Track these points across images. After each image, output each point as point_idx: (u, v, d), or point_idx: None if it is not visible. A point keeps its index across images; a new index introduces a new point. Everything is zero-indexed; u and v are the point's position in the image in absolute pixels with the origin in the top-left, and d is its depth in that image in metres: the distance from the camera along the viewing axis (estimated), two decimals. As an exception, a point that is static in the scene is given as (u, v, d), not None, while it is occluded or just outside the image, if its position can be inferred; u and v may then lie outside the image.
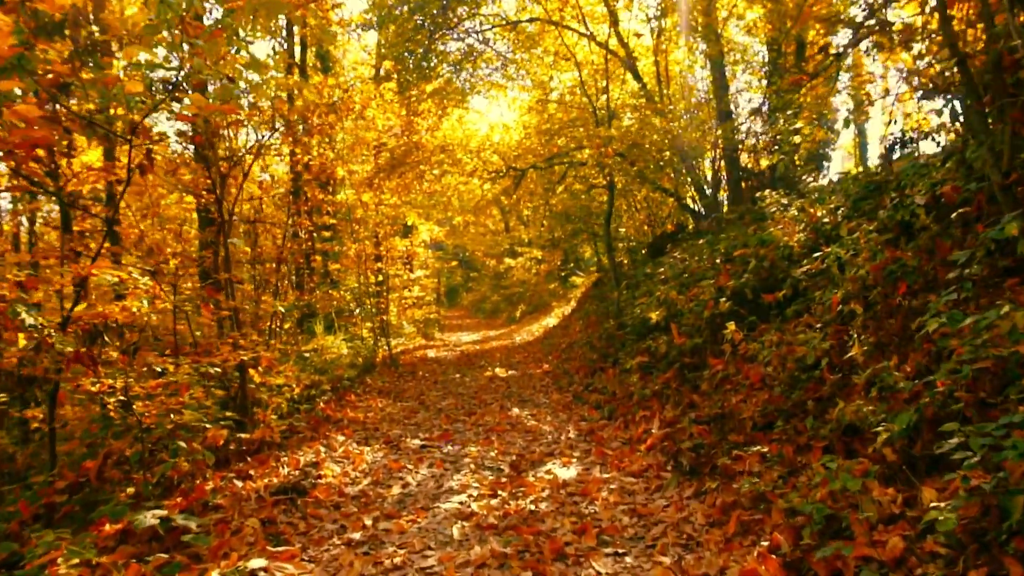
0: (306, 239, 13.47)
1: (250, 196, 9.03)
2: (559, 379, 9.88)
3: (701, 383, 5.61)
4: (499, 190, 17.36)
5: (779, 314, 5.40)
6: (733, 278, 5.95)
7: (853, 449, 3.71)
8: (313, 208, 14.13)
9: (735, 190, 13.55)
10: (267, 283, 12.12)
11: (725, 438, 4.54)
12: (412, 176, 15.29)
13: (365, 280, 14.48)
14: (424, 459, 5.61)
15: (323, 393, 8.05)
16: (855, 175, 6.70)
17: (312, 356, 9.34)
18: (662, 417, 5.55)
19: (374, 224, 16.06)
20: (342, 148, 15.35)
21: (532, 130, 16.72)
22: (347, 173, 14.64)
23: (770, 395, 4.52)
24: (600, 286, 17.62)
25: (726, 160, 13.54)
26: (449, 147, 15.37)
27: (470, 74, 16.32)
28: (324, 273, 14.46)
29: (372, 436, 6.61)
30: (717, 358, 5.64)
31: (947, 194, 4.24)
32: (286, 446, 5.91)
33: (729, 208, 12.79)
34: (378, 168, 15.29)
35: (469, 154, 15.51)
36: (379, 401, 8.64)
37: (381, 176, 14.97)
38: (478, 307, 32.93)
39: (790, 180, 12.39)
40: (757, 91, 14.48)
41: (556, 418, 7.18)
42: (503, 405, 8.21)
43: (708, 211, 13.85)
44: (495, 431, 6.65)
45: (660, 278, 8.35)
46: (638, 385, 6.47)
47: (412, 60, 14.77)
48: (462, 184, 16.71)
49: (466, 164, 15.50)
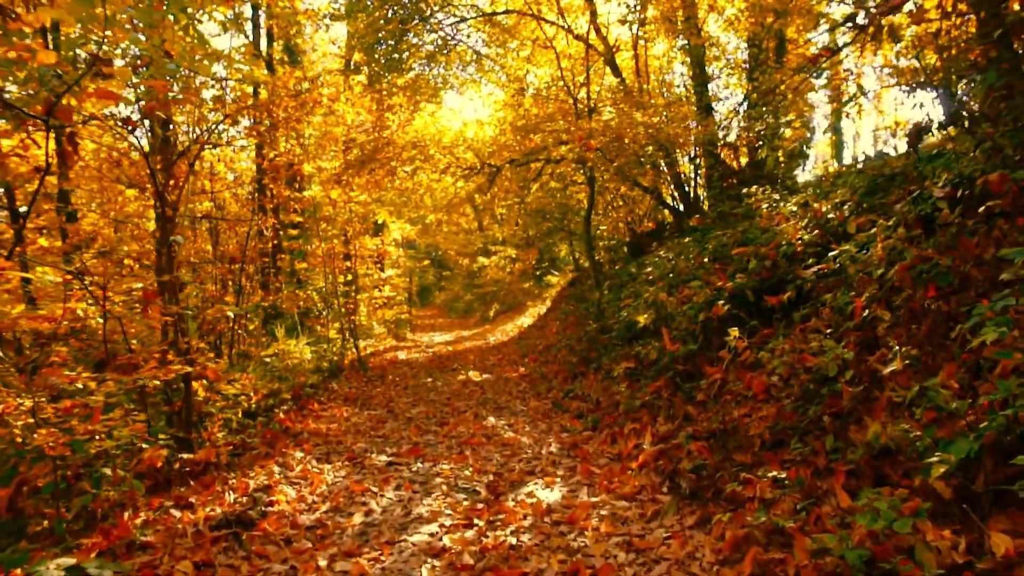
0: (271, 237, 12.85)
1: (202, 190, 8.36)
2: (536, 384, 9.36)
3: (697, 393, 5.12)
4: (473, 188, 16.77)
5: (783, 318, 4.93)
6: (731, 278, 5.47)
7: (883, 475, 3.24)
8: (280, 205, 13.48)
9: (716, 188, 13.24)
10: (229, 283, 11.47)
11: (729, 457, 4.05)
12: (383, 173, 14.67)
13: (334, 280, 13.82)
14: (391, 479, 5.03)
15: (283, 402, 7.43)
16: (859, 168, 6.27)
17: (273, 361, 8.70)
18: (654, 431, 5.04)
19: (343, 222, 15.40)
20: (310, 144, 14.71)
21: (507, 126, 16.17)
22: (315, 170, 14.01)
23: (779, 409, 4.03)
24: (577, 286, 17.15)
25: (706, 157, 13.21)
26: (421, 143, 14.75)
27: (443, 68, 15.73)
28: (291, 273, 13.81)
29: (334, 451, 6.01)
30: (714, 366, 5.16)
31: (979, 184, 3.78)
32: (237, 465, 5.30)
33: (712, 205, 12.44)
34: (347, 164, 14.66)
35: (442, 150, 14.91)
36: (344, 409, 8.03)
37: (350, 172, 14.34)
38: (451, 306, 32.33)
39: (773, 177, 12.06)
40: (738, 87, 14.14)
41: (535, 428, 6.65)
42: (478, 413, 7.66)
43: (688, 209, 13.49)
44: (470, 444, 6.09)
45: (646, 278, 7.86)
46: (625, 394, 5.96)
47: (382, 52, 14.14)
48: (434, 181, 16.09)
49: (439, 161, 14.90)
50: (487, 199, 18.23)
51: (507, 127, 16.00)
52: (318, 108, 13.92)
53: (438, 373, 11.46)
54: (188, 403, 5.21)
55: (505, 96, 17.13)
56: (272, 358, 8.75)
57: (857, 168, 6.20)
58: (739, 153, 13.46)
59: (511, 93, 16.53)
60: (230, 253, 8.52)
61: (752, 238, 6.01)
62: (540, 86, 15.28)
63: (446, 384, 10.15)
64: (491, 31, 15.00)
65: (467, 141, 15.82)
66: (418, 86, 15.31)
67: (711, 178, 13.38)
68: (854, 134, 30.70)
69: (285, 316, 11.00)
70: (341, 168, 14.66)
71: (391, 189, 16.19)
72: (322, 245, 14.05)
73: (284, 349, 8.73)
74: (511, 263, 27.50)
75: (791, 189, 8.70)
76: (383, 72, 13.77)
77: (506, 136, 15.78)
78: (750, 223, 7.36)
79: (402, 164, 14.78)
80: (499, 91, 17.48)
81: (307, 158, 13.76)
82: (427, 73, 14.44)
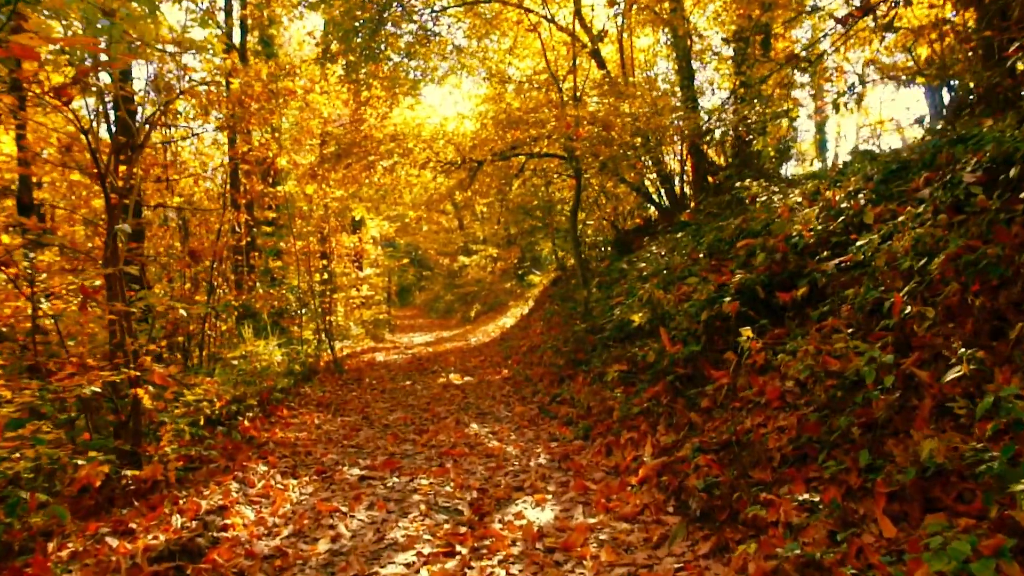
0: (244, 233, 12.32)
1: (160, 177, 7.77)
2: (521, 387, 8.88)
3: (701, 400, 4.66)
4: (453, 183, 16.27)
5: (796, 316, 4.49)
6: (736, 273, 5.02)
7: (932, 499, 2.80)
8: (253, 200, 12.94)
9: (701, 183, 12.93)
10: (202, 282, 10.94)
11: (745, 474, 3.58)
12: (360, 167, 14.13)
13: (309, 278, 13.24)
14: (363, 496, 4.51)
15: (249, 409, 6.87)
16: (873, 153, 5.86)
17: (241, 364, 8.13)
18: (655, 441, 4.58)
19: (319, 219, 14.82)
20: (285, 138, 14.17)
21: (489, 120, 15.67)
22: (291, 164, 13.46)
23: (800, 419, 3.58)
24: (560, 285, 16.70)
25: (692, 153, 12.89)
26: (400, 136, 14.21)
27: (422, 61, 15.19)
28: (265, 271, 13.22)
29: (302, 463, 5.48)
30: (719, 369, 4.70)
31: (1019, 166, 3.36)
32: (192, 482, 4.75)
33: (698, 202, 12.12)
34: (323, 158, 14.10)
35: (421, 144, 14.38)
36: (316, 416, 7.49)
37: (326, 167, 13.78)
38: (431, 307, 31.78)
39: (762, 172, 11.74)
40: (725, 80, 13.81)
41: (522, 437, 6.17)
42: (459, 420, 7.16)
43: (675, 206, 13.15)
44: (451, 455, 5.59)
45: (638, 275, 7.41)
46: (620, 399, 5.49)
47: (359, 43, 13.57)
48: (413, 176, 15.54)
49: (418, 155, 14.37)
50: (468, 195, 17.72)
51: (488, 121, 15.52)
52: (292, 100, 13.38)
53: (417, 376, 10.94)
54: (136, 412, 4.66)
55: (488, 90, 16.63)
56: (240, 360, 8.18)
57: (870, 154, 5.79)
58: (726, 146, 13.16)
59: (493, 86, 16.04)
60: (198, 250, 7.91)
61: (756, 230, 5.57)
62: (523, 79, 14.78)
63: (426, 388, 9.64)
64: (473, 21, 14.49)
65: (447, 135, 15.30)
66: (396, 78, 14.77)
67: (697, 174, 13.07)
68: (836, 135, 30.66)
69: (259, 316, 10.41)
70: (316, 162, 14.11)
71: (368, 185, 15.65)
72: (297, 243, 13.48)
73: (252, 351, 8.16)
74: (492, 262, 27.02)
75: (789, 182, 8.31)
76: (360, 62, 13.20)
77: (487, 131, 15.30)
78: (745, 217, 6.95)
79: (380, 158, 14.25)
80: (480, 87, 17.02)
81: (282, 152, 13.21)
82: (405, 62, 13.86)
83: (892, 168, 5.04)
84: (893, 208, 4.46)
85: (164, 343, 9.50)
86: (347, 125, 13.99)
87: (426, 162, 14.46)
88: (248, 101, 10.63)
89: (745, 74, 12.03)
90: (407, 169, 14.93)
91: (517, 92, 15.38)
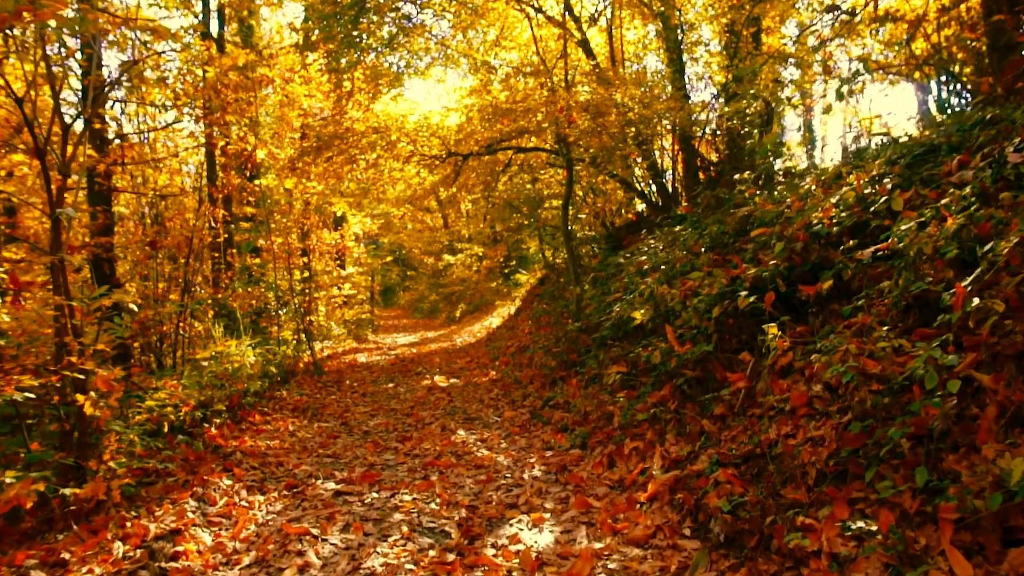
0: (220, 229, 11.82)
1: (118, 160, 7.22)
2: (510, 390, 8.40)
3: (714, 405, 4.20)
4: (438, 179, 15.76)
5: (821, 312, 4.04)
6: (752, 265, 4.57)
7: (1012, 527, 2.35)
8: (230, 195, 12.41)
9: (693, 180, 12.62)
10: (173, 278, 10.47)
11: (775, 493, 3.13)
12: (341, 160, 13.58)
13: (289, 276, 12.69)
14: (338, 516, 4.01)
15: (217, 414, 6.34)
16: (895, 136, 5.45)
17: (211, 365, 7.58)
18: (664, 452, 4.12)
19: (299, 214, 14.25)
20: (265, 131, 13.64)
21: (475, 113, 15.17)
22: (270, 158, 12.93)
23: (837, 429, 3.13)
24: (548, 283, 16.25)
25: (683, 148, 12.56)
26: (383, 128, 13.68)
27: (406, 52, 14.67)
28: (244, 268, 12.67)
29: (272, 476, 4.96)
30: (735, 371, 4.25)
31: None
32: (145, 500, 4.22)
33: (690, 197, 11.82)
34: (303, 151, 13.54)
35: (405, 137, 13.85)
36: (291, 421, 6.97)
37: (306, 160, 13.23)
38: (415, 307, 31.22)
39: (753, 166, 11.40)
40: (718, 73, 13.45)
41: (513, 445, 5.69)
42: (445, 426, 6.67)
43: (666, 201, 12.79)
44: (436, 466, 5.10)
45: (635, 269, 6.95)
46: (622, 404, 5.02)
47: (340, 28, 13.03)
48: (397, 171, 15.02)
49: (402, 149, 13.84)
50: (453, 191, 17.20)
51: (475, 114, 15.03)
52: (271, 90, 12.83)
53: (401, 378, 10.44)
54: (81, 422, 4.13)
55: (474, 82, 16.12)
56: (210, 361, 7.62)
57: (893, 138, 5.37)
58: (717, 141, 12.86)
59: (479, 77, 15.53)
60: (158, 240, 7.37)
61: (769, 219, 5.13)
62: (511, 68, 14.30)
63: (409, 390, 9.13)
64: (459, 10, 13.98)
65: (432, 128, 14.78)
66: (378, 69, 14.24)
67: (688, 170, 12.76)
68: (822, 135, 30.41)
69: (233, 315, 9.85)
70: (296, 155, 13.56)
71: (351, 179, 15.11)
72: (277, 240, 12.91)
73: (223, 351, 7.61)
74: (478, 261, 26.52)
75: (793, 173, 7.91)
76: (341, 50, 12.66)
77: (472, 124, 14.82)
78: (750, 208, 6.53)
79: (362, 152, 13.72)
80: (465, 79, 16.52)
81: (260, 145, 12.67)
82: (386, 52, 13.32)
83: (917, 152, 4.63)
84: (924, 193, 4.03)
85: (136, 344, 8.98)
86: (328, 118, 13.42)
87: (410, 156, 13.95)
88: (224, 91, 10.11)
89: (738, 67, 11.72)
90: (390, 163, 14.42)
91: (503, 84, 14.89)
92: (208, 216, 11.75)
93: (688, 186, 12.63)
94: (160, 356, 9.57)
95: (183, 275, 10.34)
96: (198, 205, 11.43)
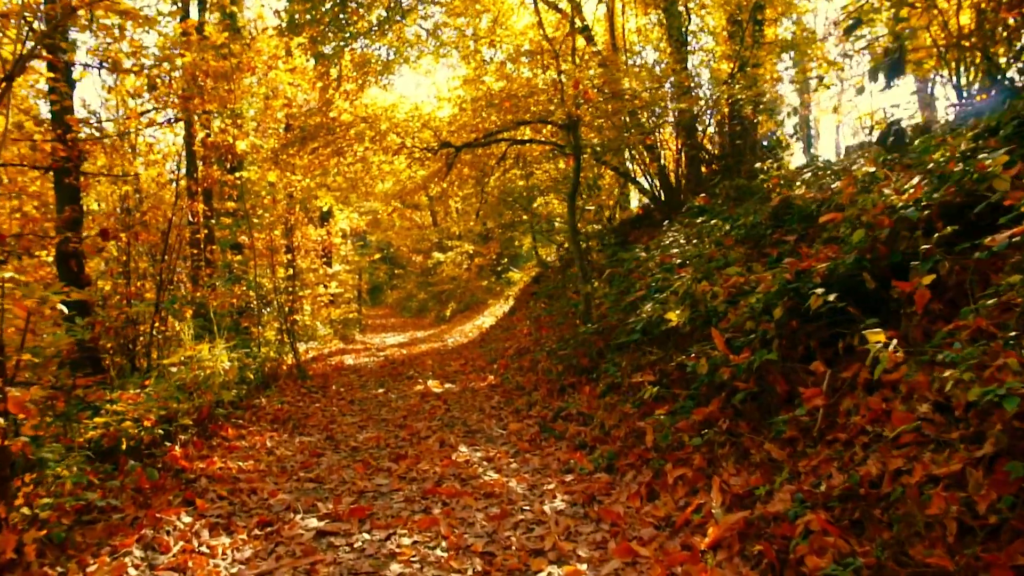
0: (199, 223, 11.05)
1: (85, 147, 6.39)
2: (512, 397, 7.63)
3: (781, 427, 3.44)
4: (429, 173, 14.96)
5: (917, 314, 3.29)
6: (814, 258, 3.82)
7: None
8: (210, 188, 11.61)
9: (695, 173, 12.02)
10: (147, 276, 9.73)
11: (903, 552, 2.37)
12: (328, 152, 12.76)
13: (272, 274, 11.85)
14: (321, 567, 3.22)
15: (183, 430, 5.52)
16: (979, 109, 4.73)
17: (182, 371, 6.75)
18: (724, 484, 3.36)
19: (283, 209, 13.40)
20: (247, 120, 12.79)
21: (469, 104, 14.37)
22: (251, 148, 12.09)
23: (968, 466, 2.38)
24: (545, 282, 15.48)
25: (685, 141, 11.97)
26: (371, 117, 12.86)
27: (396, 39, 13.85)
28: (226, 265, 11.83)
29: (242, 509, 4.15)
30: (809, 386, 3.49)
31: None
32: (80, 546, 3.40)
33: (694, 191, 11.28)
34: (287, 141, 12.70)
35: (395, 127, 13.03)
36: (269, 436, 6.17)
37: (290, 152, 12.39)
38: (403, 305, 30.38)
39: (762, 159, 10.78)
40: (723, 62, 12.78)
41: (525, 465, 4.91)
42: (444, 440, 5.88)
43: (669, 195, 12.16)
44: (439, 494, 4.32)
45: (657, 265, 6.19)
46: (657, 421, 4.25)
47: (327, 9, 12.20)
48: (386, 165, 14.20)
49: (391, 142, 13.02)
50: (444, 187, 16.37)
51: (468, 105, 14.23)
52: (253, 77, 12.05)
53: (391, 382, 9.63)
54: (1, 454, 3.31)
55: (467, 71, 15.30)
56: (180, 367, 6.78)
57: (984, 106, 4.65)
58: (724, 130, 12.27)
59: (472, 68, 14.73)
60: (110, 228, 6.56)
61: (832, 205, 4.39)
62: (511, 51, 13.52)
63: (401, 397, 8.34)
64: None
65: (423, 118, 13.96)
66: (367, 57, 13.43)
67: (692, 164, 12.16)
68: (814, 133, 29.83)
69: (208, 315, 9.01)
70: (280, 147, 12.73)
71: (337, 172, 14.28)
72: (261, 237, 12.07)
73: (193, 356, 6.78)
74: (469, 259, 25.73)
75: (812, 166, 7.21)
76: (328, 32, 11.83)
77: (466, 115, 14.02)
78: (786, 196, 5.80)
79: (349, 143, 12.90)
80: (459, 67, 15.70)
81: (242, 135, 11.84)
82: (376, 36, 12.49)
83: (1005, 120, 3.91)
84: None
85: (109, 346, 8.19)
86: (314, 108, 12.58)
87: (400, 148, 13.13)
88: (202, 77, 9.34)
89: (744, 56, 11.14)
90: (380, 156, 13.60)
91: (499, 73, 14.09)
92: (186, 210, 10.94)
93: (691, 180, 12.01)
94: (134, 359, 8.75)
95: (159, 272, 9.57)
96: (175, 199, 10.62)
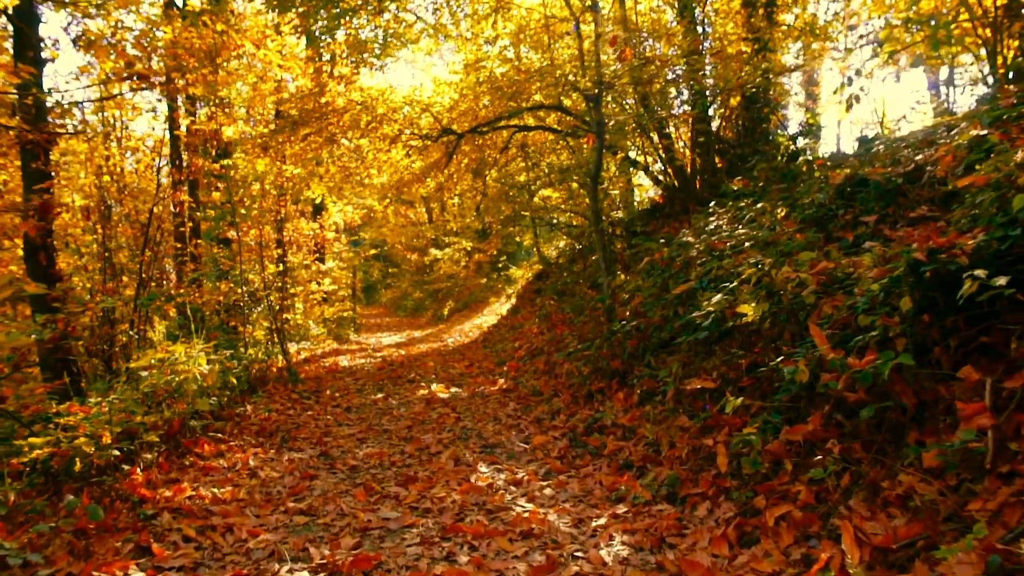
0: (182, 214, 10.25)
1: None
2: (530, 404, 6.78)
3: (917, 452, 2.58)
4: (428, 164, 14.10)
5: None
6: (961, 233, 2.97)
7: None
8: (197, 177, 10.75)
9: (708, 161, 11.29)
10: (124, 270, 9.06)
11: None
12: (321, 140, 11.86)
13: (261, 270, 10.94)
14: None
15: (148, 447, 4.62)
16: None
17: (152, 376, 5.84)
18: (860, 530, 2.49)
19: (274, 201, 12.48)
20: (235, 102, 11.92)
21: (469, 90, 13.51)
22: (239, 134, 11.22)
23: None
24: (549, 278, 14.62)
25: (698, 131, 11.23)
26: (367, 100, 11.97)
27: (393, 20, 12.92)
28: (211, 260, 10.96)
29: (212, 557, 3.25)
30: (959, 398, 2.63)
31: None
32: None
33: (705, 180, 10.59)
34: (277, 127, 11.81)
35: (392, 112, 12.16)
36: (252, 452, 5.27)
37: (280, 139, 11.50)
38: (399, 304, 29.49)
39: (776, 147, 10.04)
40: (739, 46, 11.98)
41: (561, 490, 4.04)
42: (459, 457, 5.01)
43: (683, 184, 11.45)
44: (462, 532, 3.43)
45: (706, 252, 5.33)
46: (744, 441, 3.36)
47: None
48: (383, 154, 13.32)
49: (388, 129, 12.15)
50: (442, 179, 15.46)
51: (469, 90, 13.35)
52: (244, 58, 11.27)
53: (391, 386, 8.75)
54: None
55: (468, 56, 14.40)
56: (151, 372, 5.88)
57: None
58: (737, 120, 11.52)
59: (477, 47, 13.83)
60: (52, 201, 5.70)
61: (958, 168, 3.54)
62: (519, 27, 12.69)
63: (404, 403, 7.45)
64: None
65: (423, 103, 13.08)
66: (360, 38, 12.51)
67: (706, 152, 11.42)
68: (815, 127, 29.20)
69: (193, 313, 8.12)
70: (269, 132, 11.84)
71: (330, 161, 13.38)
72: (251, 232, 11.16)
73: (166, 359, 5.88)
74: (467, 256, 24.85)
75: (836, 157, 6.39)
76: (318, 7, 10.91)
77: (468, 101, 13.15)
78: (848, 174, 4.97)
79: (343, 130, 12.02)
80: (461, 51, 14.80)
81: (229, 120, 10.96)
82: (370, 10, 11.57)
83: None
84: None
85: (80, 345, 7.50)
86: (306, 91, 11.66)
87: (397, 135, 12.25)
88: (185, 56, 8.50)
89: (761, 40, 10.45)
90: (376, 144, 12.72)
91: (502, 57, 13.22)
92: (169, 200, 10.10)
93: (706, 168, 11.25)
94: (109, 361, 7.93)
95: (139, 268, 8.76)
96: (156, 189, 9.76)
